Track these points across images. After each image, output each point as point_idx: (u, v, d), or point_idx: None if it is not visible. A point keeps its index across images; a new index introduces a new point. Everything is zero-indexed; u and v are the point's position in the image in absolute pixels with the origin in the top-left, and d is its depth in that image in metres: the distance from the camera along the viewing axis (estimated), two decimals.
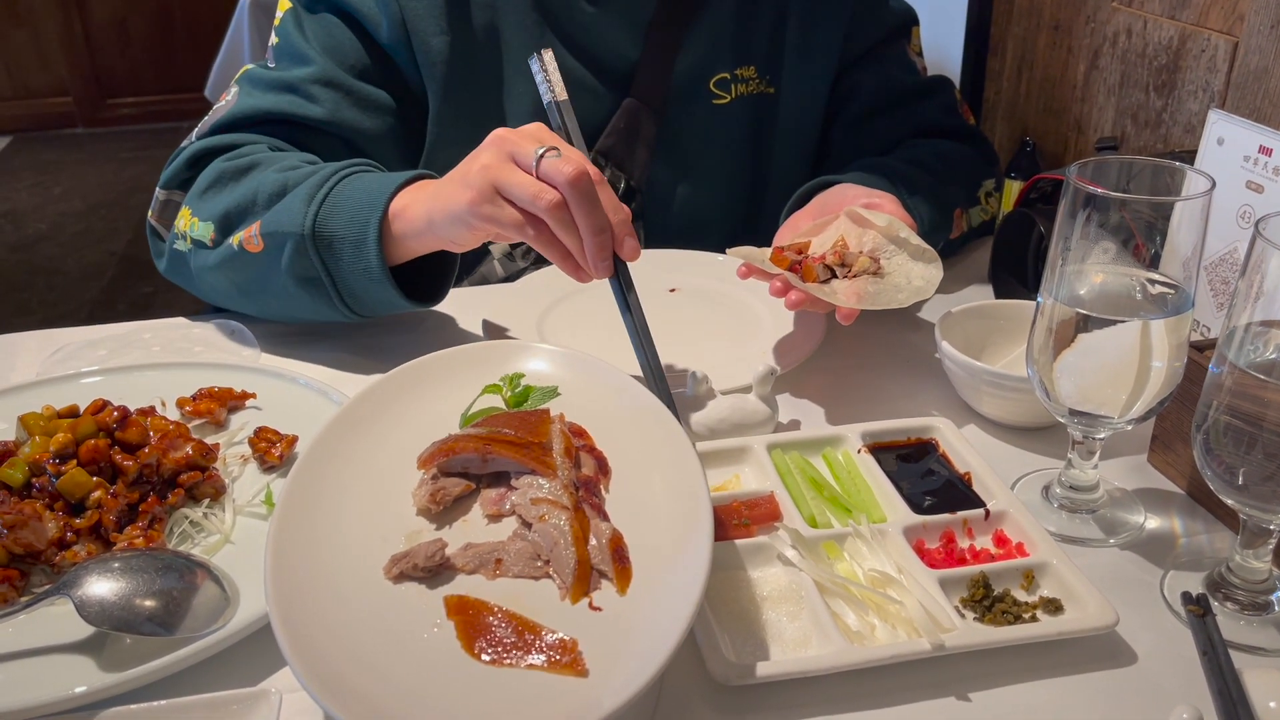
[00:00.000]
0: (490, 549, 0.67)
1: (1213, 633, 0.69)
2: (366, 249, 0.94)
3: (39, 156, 4.80)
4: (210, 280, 1.06)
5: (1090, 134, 1.50)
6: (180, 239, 1.07)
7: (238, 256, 1.01)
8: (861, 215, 0.97)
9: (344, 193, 0.97)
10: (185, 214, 1.06)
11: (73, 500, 0.77)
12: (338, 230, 0.95)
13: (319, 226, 0.96)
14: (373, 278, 0.96)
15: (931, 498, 0.81)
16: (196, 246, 1.05)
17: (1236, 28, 1.17)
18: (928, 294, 0.92)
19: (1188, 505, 0.84)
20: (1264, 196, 0.87)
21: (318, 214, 0.96)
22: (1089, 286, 0.76)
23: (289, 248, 0.97)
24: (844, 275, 0.95)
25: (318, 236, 0.96)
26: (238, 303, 1.08)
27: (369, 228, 0.94)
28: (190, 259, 1.06)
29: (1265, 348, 0.66)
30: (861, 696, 0.66)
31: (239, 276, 1.03)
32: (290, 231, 0.96)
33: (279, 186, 1.01)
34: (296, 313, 1.05)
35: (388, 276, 0.95)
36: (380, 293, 0.97)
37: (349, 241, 0.95)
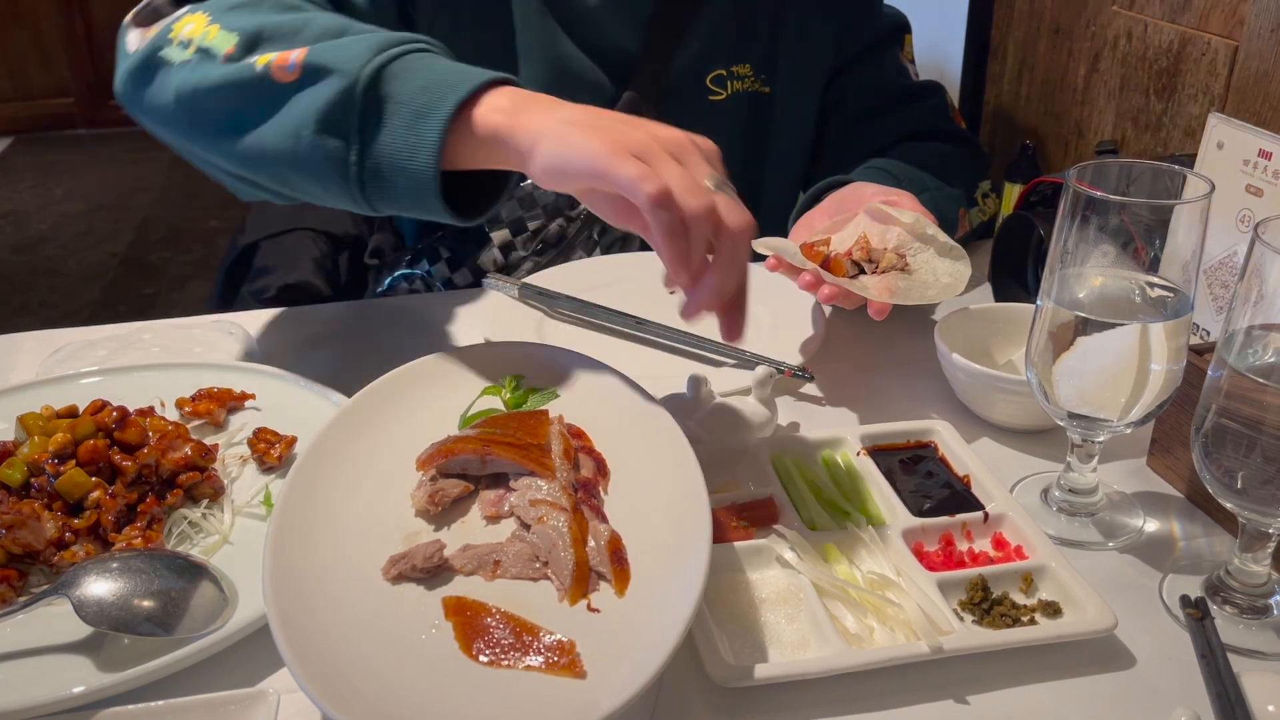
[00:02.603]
0: (489, 550, 0.67)
1: (1211, 636, 0.69)
2: (426, 127, 0.78)
3: (40, 157, 4.80)
4: (197, 103, 0.87)
5: (1090, 137, 1.50)
6: (176, 46, 0.89)
7: (255, 81, 0.84)
8: (884, 212, 0.96)
9: (420, 60, 0.82)
10: (199, 20, 0.90)
11: (71, 500, 0.77)
12: (399, 93, 0.80)
13: (381, 78, 0.80)
14: (417, 161, 0.79)
15: (930, 500, 0.81)
16: (201, 58, 0.87)
17: (1236, 31, 1.17)
18: (957, 290, 0.91)
19: (1187, 509, 0.84)
20: (1263, 200, 0.87)
21: (383, 66, 0.80)
22: (1088, 290, 0.76)
23: (330, 87, 0.80)
24: (872, 271, 0.94)
25: (372, 89, 0.79)
26: (221, 136, 0.88)
27: (442, 103, 0.78)
28: (175, 73, 0.89)
29: (1264, 351, 0.66)
30: (860, 699, 0.66)
31: (241, 104, 0.85)
32: (342, 69, 0.80)
33: (338, 27, 0.86)
34: (287, 169, 0.85)
35: (436, 166, 0.78)
36: (415, 182, 0.79)
37: (408, 109, 0.79)
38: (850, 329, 1.09)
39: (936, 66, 1.83)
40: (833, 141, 1.30)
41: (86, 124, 5.11)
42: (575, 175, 0.73)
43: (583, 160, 0.72)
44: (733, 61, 1.23)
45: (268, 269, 1.54)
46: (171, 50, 0.89)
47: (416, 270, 1.28)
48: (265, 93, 0.83)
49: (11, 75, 4.98)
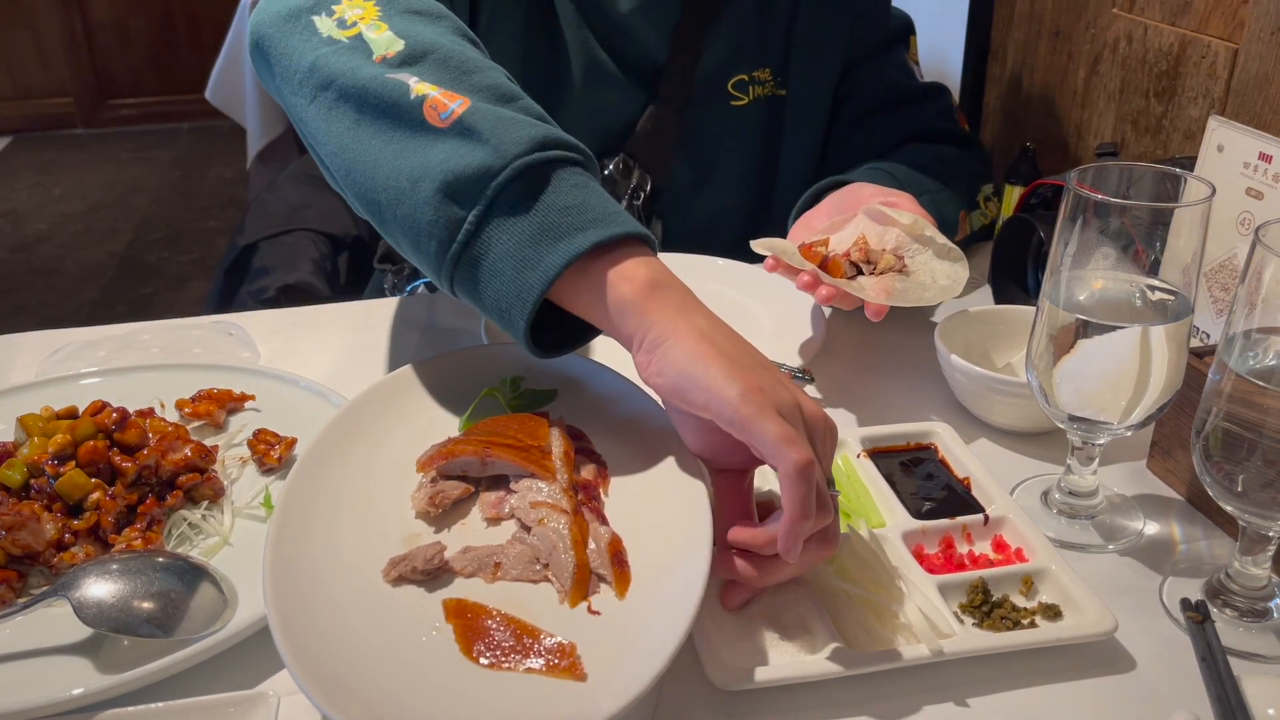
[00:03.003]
0: (489, 552, 0.67)
1: (1211, 639, 0.69)
2: (554, 251, 0.71)
3: (39, 157, 4.80)
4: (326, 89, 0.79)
5: (1090, 140, 1.50)
6: (331, 18, 0.82)
7: (404, 107, 0.75)
8: (883, 213, 0.96)
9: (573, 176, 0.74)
10: (369, 8, 0.82)
11: (71, 501, 0.77)
12: (539, 203, 0.72)
13: (528, 178, 0.72)
14: (524, 278, 0.71)
15: (931, 503, 0.81)
16: (354, 45, 0.79)
17: (1237, 34, 1.17)
18: (954, 292, 0.91)
19: (1187, 511, 0.84)
20: (1264, 203, 0.87)
21: (535, 165, 0.72)
22: (1089, 292, 0.76)
23: (475, 156, 0.72)
24: (869, 272, 0.94)
25: (515, 183, 0.72)
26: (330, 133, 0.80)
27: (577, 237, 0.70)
28: (320, 46, 0.80)
29: (1265, 354, 0.66)
30: (860, 702, 0.66)
31: (377, 119, 0.77)
32: (496, 145, 0.72)
33: (508, 91, 0.78)
34: (386, 206, 0.76)
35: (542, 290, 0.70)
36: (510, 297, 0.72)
37: (540, 224, 0.71)
38: (850, 331, 1.09)
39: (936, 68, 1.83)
40: (838, 141, 1.30)
41: (85, 124, 5.10)
42: (700, 405, 0.66)
43: (718, 397, 0.65)
44: (754, 66, 1.24)
45: (267, 269, 1.54)
46: (326, 21, 0.82)
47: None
48: (408, 123, 0.75)
49: (10, 74, 4.97)
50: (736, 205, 1.30)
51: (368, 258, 1.48)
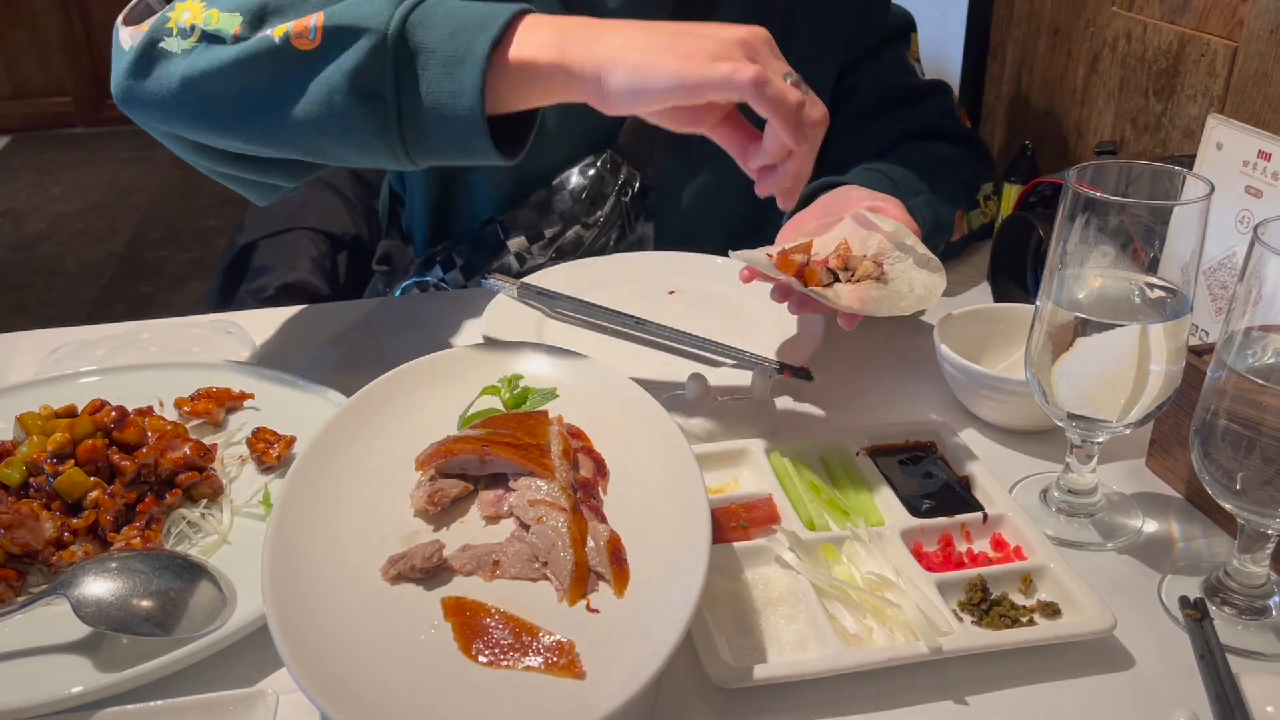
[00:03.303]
0: (488, 550, 0.67)
1: (1210, 637, 0.69)
2: (465, 71, 0.78)
3: (38, 156, 4.80)
4: (210, 86, 0.85)
5: (1090, 138, 1.50)
6: (176, 36, 0.86)
7: (276, 52, 0.82)
8: (867, 219, 0.97)
9: (441, 5, 0.81)
10: (194, 6, 0.87)
11: (70, 500, 0.77)
12: (430, 41, 0.79)
13: (409, 29, 0.79)
14: (460, 107, 0.79)
15: (930, 501, 0.81)
16: (207, 42, 0.85)
17: (1236, 32, 1.17)
18: (930, 303, 0.92)
19: (1186, 510, 0.84)
20: (1263, 201, 0.87)
21: (408, 16, 0.79)
22: (1087, 290, 0.76)
23: (360, 46, 0.79)
24: (847, 279, 0.94)
25: (401, 42, 0.79)
26: (241, 115, 0.85)
27: (476, 45, 0.78)
28: (179, 62, 0.86)
29: (1263, 352, 0.66)
30: (859, 700, 0.66)
31: (264, 78, 0.83)
32: (368, 28, 0.79)
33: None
34: (321, 137, 0.84)
35: (481, 108, 0.78)
36: (459, 127, 0.79)
37: (440, 57, 0.79)
38: (850, 330, 1.09)
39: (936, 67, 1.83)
40: (837, 139, 1.30)
41: (84, 123, 5.10)
42: (659, 96, 0.75)
43: (666, 80, 0.74)
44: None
45: (266, 268, 1.53)
46: (171, 41, 0.86)
47: (429, 277, 1.27)
48: (287, 63, 0.82)
49: (9, 74, 4.97)
50: (730, 202, 1.29)
51: (367, 257, 1.47)
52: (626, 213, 1.22)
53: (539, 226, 1.23)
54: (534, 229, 1.23)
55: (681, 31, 0.77)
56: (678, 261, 1.20)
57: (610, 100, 0.78)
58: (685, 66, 0.74)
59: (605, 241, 1.24)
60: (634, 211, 1.23)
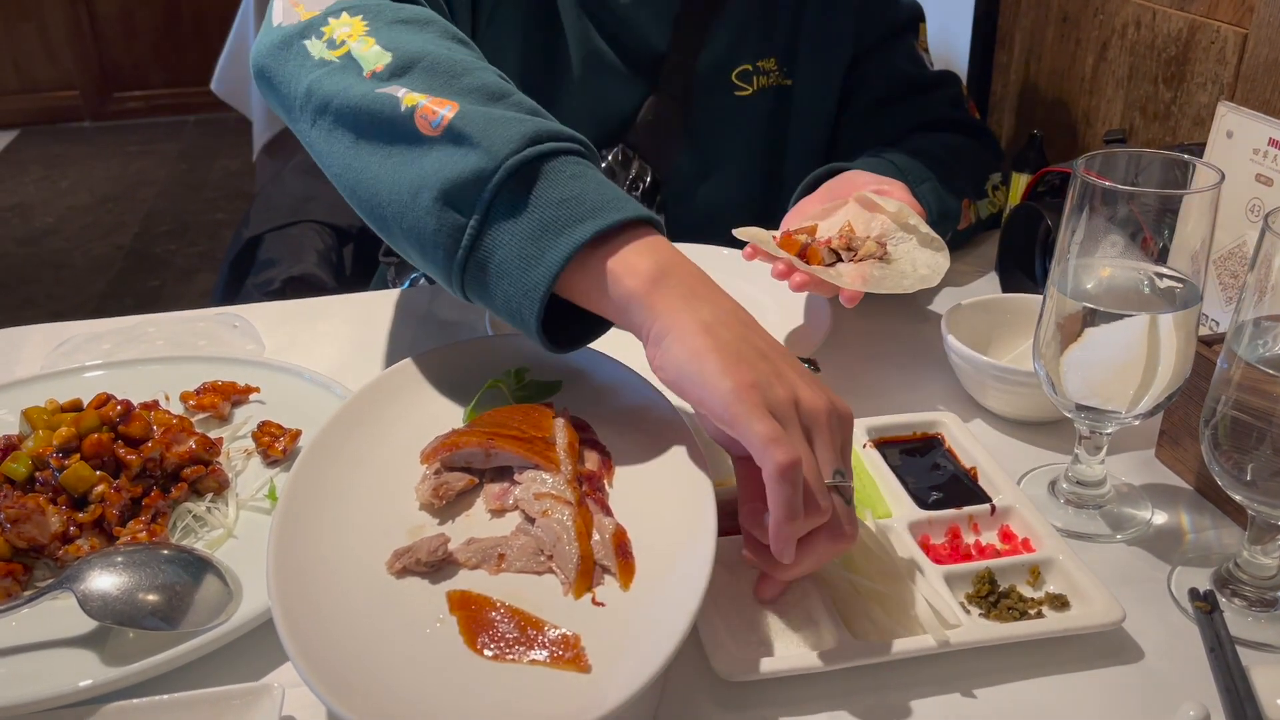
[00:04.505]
0: (493, 544, 0.67)
1: (1220, 629, 0.69)
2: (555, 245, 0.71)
3: (46, 150, 4.80)
4: (324, 107, 0.80)
5: (1099, 127, 1.49)
6: (320, 40, 0.83)
7: (396, 117, 0.76)
8: (871, 200, 0.96)
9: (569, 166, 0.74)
10: (357, 25, 0.82)
11: (76, 494, 0.77)
12: (536, 198, 0.72)
13: (523, 175, 0.72)
14: (530, 277, 0.71)
15: (937, 493, 0.81)
16: (344, 64, 0.80)
17: (1246, 19, 1.16)
18: (933, 282, 0.91)
19: (1195, 501, 0.84)
20: (1273, 190, 0.86)
21: (529, 162, 0.72)
22: (1096, 280, 0.75)
23: (469, 160, 0.72)
24: (850, 259, 0.94)
25: (510, 182, 0.72)
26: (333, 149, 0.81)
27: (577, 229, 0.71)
28: (313, 68, 0.82)
29: (1274, 342, 0.66)
30: (865, 693, 0.66)
31: (373, 133, 0.78)
32: (488, 147, 0.72)
33: (497, 89, 0.78)
34: (396, 221, 0.77)
35: (548, 284, 0.71)
36: (519, 296, 0.72)
37: (539, 219, 0.71)
38: (856, 321, 1.09)
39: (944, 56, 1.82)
40: (847, 130, 1.30)
41: (92, 117, 5.11)
42: (696, 401, 0.67)
43: (712, 394, 0.65)
44: (758, 56, 1.23)
45: (272, 261, 1.53)
46: (316, 44, 0.83)
47: None
48: (401, 135, 0.76)
49: (17, 68, 4.98)
50: (741, 196, 1.29)
51: (373, 250, 1.48)
52: None
53: None
54: None
55: (768, 357, 0.68)
56: (685, 253, 1.19)
57: (658, 366, 0.70)
58: (739, 395, 0.64)
59: None
60: (645, 205, 1.23)
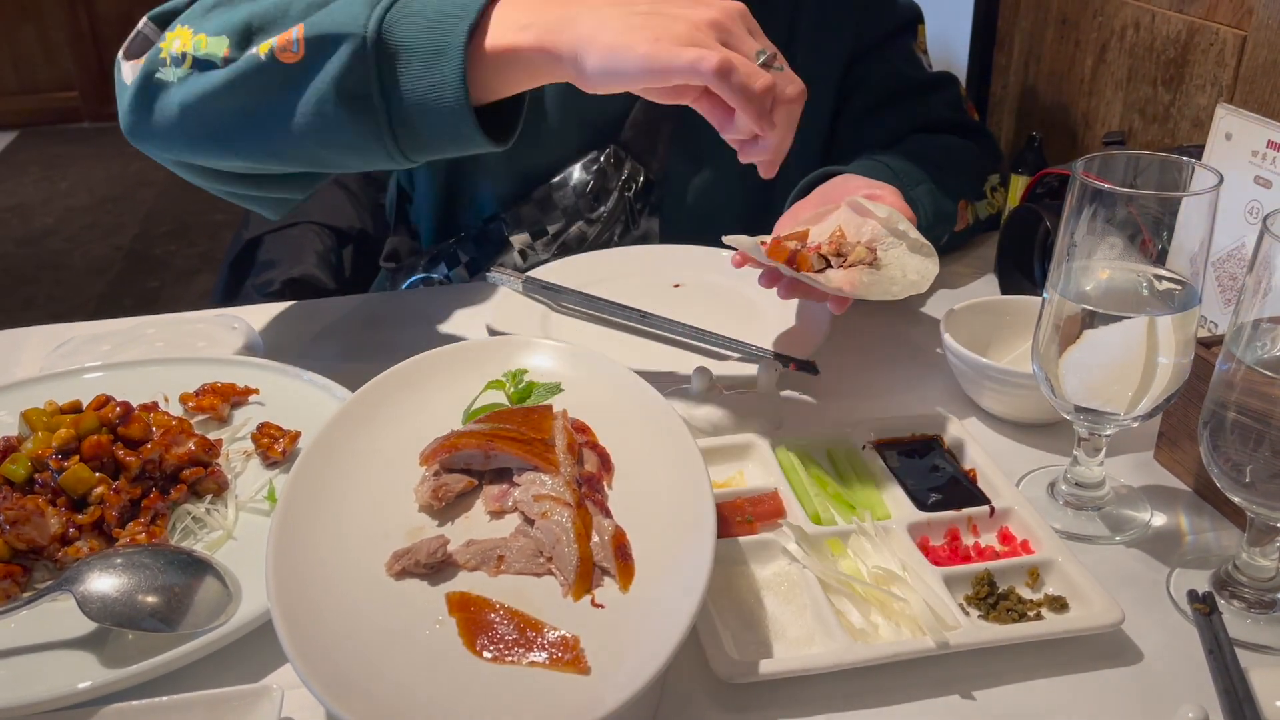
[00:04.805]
0: (492, 545, 0.67)
1: (1219, 631, 0.69)
2: (445, 62, 0.79)
3: (46, 151, 4.81)
4: (207, 110, 0.87)
5: (1098, 128, 1.49)
6: (171, 65, 0.88)
7: (264, 69, 0.83)
8: (863, 205, 0.97)
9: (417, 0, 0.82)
10: (184, 33, 0.88)
11: (75, 496, 0.77)
12: (409, 38, 0.80)
13: (386, 29, 0.80)
14: (445, 99, 0.80)
15: (936, 494, 0.81)
16: (198, 68, 0.86)
17: (1245, 21, 1.16)
18: (922, 288, 0.92)
19: (1194, 503, 0.84)
20: (1272, 192, 0.86)
21: (385, 16, 0.80)
22: (1095, 282, 0.75)
23: (342, 53, 0.80)
24: (839, 265, 0.94)
25: (382, 41, 0.80)
26: (240, 135, 0.88)
27: (453, 36, 0.79)
28: (177, 90, 0.88)
29: (1273, 344, 0.66)
30: (865, 694, 0.66)
31: (257, 97, 0.85)
32: (347, 33, 0.80)
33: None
34: (317, 147, 0.86)
35: (466, 97, 0.79)
36: (447, 120, 0.81)
37: (420, 53, 0.80)
38: (854, 322, 1.09)
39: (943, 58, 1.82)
40: (845, 133, 1.29)
41: (91, 117, 5.11)
42: (631, 79, 0.76)
43: (636, 63, 0.75)
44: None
45: (272, 263, 1.53)
46: (166, 71, 0.89)
47: (435, 274, 1.27)
48: (276, 78, 0.83)
49: (16, 68, 4.98)
50: (735, 196, 1.29)
51: (373, 251, 1.47)
52: (630, 208, 1.22)
53: (542, 222, 1.23)
54: (537, 225, 1.23)
55: (654, 10, 0.77)
56: (683, 255, 1.20)
57: (587, 81, 0.79)
58: (653, 50, 0.74)
59: (609, 237, 1.24)
60: (637, 207, 1.23)
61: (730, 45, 0.77)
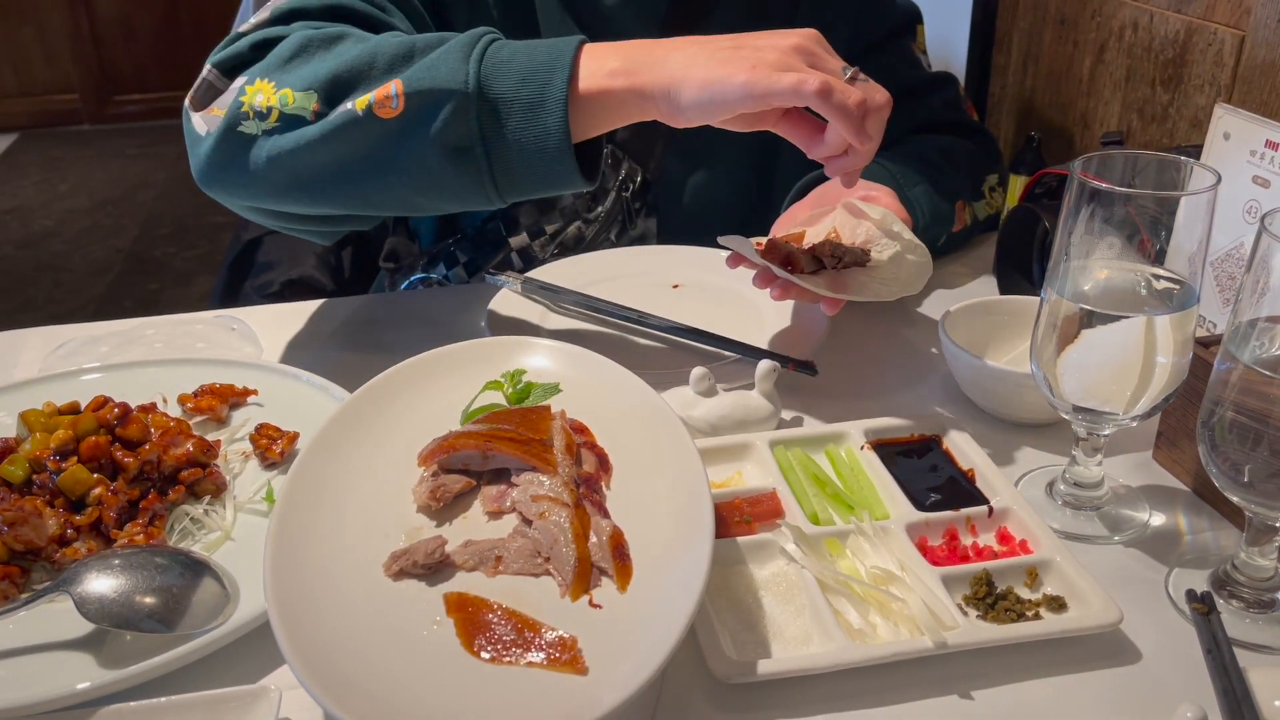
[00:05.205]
0: (490, 546, 0.67)
1: (1217, 631, 0.69)
2: (547, 114, 0.82)
3: (46, 153, 4.81)
4: (304, 162, 0.88)
5: (1096, 128, 1.49)
6: (254, 118, 0.89)
7: (361, 124, 0.85)
8: (858, 207, 0.97)
9: (506, 50, 0.85)
10: (265, 88, 0.89)
11: (73, 497, 0.77)
12: (508, 91, 0.83)
13: (484, 83, 0.83)
14: (548, 147, 0.83)
15: (935, 494, 0.81)
16: (286, 124, 0.87)
17: (1243, 21, 1.17)
18: (915, 289, 0.92)
19: (1193, 502, 0.84)
20: (1270, 191, 0.86)
21: (480, 70, 0.83)
22: (1093, 282, 0.75)
23: (445, 108, 0.83)
24: (833, 266, 0.94)
25: (483, 95, 0.83)
26: (333, 186, 0.90)
27: (552, 87, 0.82)
28: (263, 143, 0.88)
29: (1271, 344, 0.66)
30: (863, 694, 0.66)
31: (355, 150, 0.87)
32: (446, 88, 0.83)
33: (405, 48, 0.86)
34: (419, 193, 0.89)
35: (569, 144, 0.83)
36: (549, 165, 0.84)
37: (520, 104, 0.83)
38: (854, 323, 1.09)
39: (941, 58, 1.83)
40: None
41: (91, 120, 5.11)
42: (731, 106, 0.81)
43: (737, 92, 0.80)
44: None
45: (271, 264, 1.53)
46: (250, 124, 0.89)
47: (433, 274, 1.28)
48: (374, 133, 0.85)
49: (16, 71, 4.98)
50: (733, 196, 1.29)
51: (372, 252, 1.47)
52: (627, 208, 1.22)
53: (540, 223, 1.23)
54: (535, 225, 1.23)
55: (740, 44, 0.83)
56: (682, 255, 1.20)
57: (682, 115, 0.83)
58: (753, 77, 0.79)
59: (606, 237, 1.24)
60: (635, 207, 1.23)
61: (817, 67, 0.82)
